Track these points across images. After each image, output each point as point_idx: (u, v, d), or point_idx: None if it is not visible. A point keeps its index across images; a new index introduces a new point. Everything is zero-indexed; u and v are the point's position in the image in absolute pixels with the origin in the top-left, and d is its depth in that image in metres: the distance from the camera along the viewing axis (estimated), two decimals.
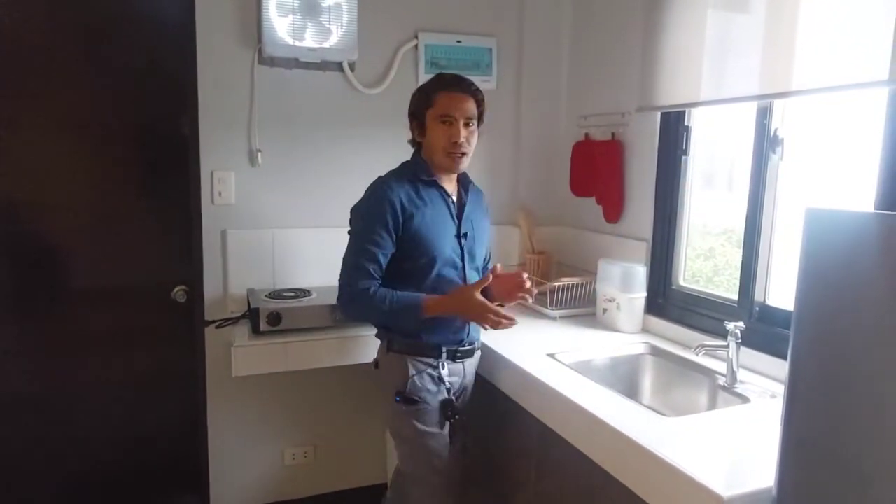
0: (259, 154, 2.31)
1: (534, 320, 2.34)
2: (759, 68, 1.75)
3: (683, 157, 2.16)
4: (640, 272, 2.18)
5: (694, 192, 2.19)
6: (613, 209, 2.41)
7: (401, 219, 1.72)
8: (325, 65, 2.36)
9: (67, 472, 2.38)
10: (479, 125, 1.80)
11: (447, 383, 1.79)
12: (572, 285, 2.38)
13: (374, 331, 1.90)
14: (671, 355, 1.98)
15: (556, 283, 2.38)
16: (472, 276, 1.84)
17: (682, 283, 2.21)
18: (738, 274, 1.93)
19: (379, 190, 1.75)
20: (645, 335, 2.16)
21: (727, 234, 2.19)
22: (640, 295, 2.18)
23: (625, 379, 1.98)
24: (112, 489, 2.46)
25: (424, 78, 2.49)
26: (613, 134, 2.40)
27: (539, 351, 1.94)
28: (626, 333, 2.17)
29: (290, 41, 2.25)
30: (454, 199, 1.84)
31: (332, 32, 2.29)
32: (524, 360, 1.85)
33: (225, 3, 2.25)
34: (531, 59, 2.68)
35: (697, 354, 1.81)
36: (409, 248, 1.74)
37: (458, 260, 1.81)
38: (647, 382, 2.03)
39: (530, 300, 1.89)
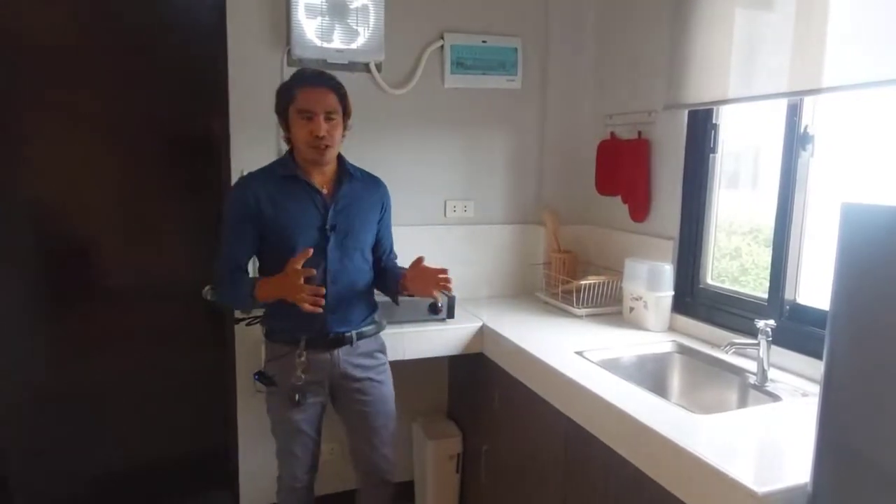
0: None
1: (560, 318, 2.35)
2: (790, 65, 1.74)
3: (711, 155, 2.15)
4: (668, 271, 2.18)
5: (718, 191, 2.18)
6: (640, 208, 2.40)
7: (256, 213, 1.80)
8: (353, 66, 2.39)
9: (101, 467, 2.44)
10: (346, 118, 1.84)
11: (299, 370, 1.83)
12: (598, 284, 2.38)
13: (408, 326, 2.00)
14: (699, 353, 1.98)
15: (583, 282, 2.38)
16: (341, 269, 1.85)
17: (709, 281, 2.20)
18: (765, 274, 1.92)
19: (235, 187, 1.89)
20: (672, 333, 2.15)
21: (753, 234, 2.17)
22: (668, 293, 2.18)
23: (653, 377, 1.98)
24: (144, 484, 2.51)
25: (451, 78, 2.54)
26: (640, 132, 2.39)
27: (566, 348, 1.95)
28: (653, 332, 2.17)
29: (318, 42, 2.28)
30: (324, 191, 1.86)
31: (359, 34, 2.32)
32: (552, 358, 1.86)
33: (255, 6, 2.29)
34: (556, 58, 2.68)
35: (727, 352, 1.80)
36: (269, 239, 1.83)
37: (321, 251, 1.81)
38: (675, 380, 2.03)
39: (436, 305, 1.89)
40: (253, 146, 2.32)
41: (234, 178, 2.31)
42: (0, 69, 2.15)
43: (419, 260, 1.86)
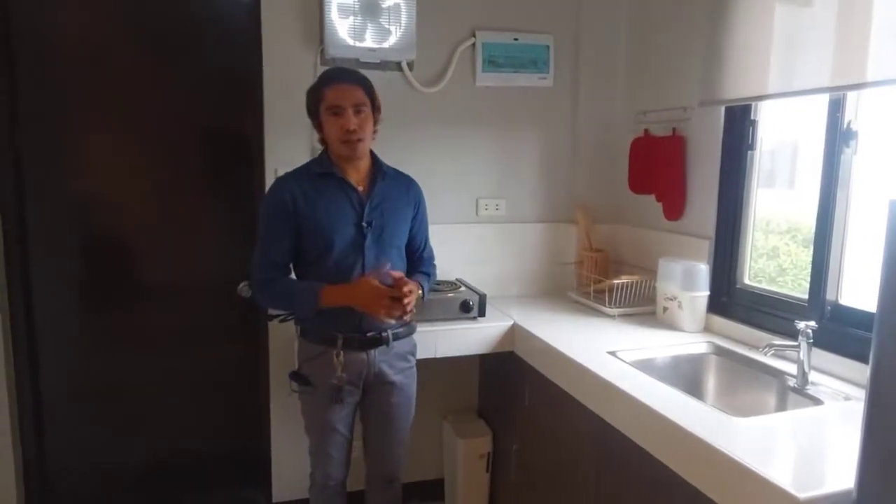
0: (319, 152, 2.37)
1: (592, 318, 2.33)
2: (832, 59, 1.68)
3: (749, 152, 2.10)
4: (703, 270, 2.14)
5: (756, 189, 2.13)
6: (674, 206, 2.36)
7: (293, 212, 1.82)
8: (385, 64, 2.40)
9: (138, 460, 2.50)
10: (376, 112, 1.86)
11: (339, 370, 1.84)
12: (631, 283, 2.35)
13: (440, 324, 2.03)
14: (736, 355, 1.93)
15: (615, 281, 2.36)
16: (377, 266, 1.85)
17: (746, 281, 2.15)
18: (803, 274, 1.87)
19: (272, 188, 1.90)
20: (708, 334, 2.11)
21: (791, 233, 2.12)
22: (703, 293, 2.13)
23: (688, 378, 1.95)
24: (180, 476, 2.57)
25: (482, 76, 2.54)
26: (674, 129, 2.35)
27: (599, 348, 1.93)
28: (688, 332, 2.13)
29: (350, 42, 2.30)
30: (360, 189, 1.87)
31: (391, 33, 2.33)
32: (584, 358, 1.84)
33: (289, 7, 2.32)
34: (588, 55, 2.66)
35: (765, 354, 1.76)
36: (307, 237, 1.84)
37: (358, 248, 1.84)
38: (711, 382, 1.99)
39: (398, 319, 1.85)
40: (287, 145, 2.35)
41: (269, 177, 2.35)
42: (45, 72, 2.22)
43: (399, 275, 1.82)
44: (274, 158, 2.34)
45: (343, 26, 2.28)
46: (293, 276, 1.93)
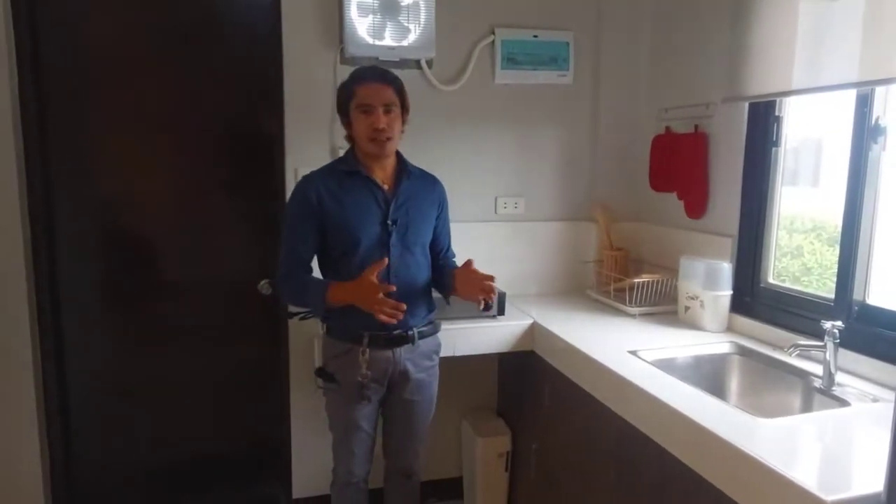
0: (340, 151, 2.37)
1: (612, 317, 2.31)
2: (860, 53, 1.65)
3: (774, 149, 2.07)
4: (726, 269, 2.11)
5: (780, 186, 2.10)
6: (696, 204, 2.33)
7: (318, 210, 1.83)
8: (404, 63, 2.41)
9: (159, 456, 2.54)
10: (404, 112, 1.87)
11: (364, 368, 1.84)
12: (652, 282, 2.33)
13: (460, 323, 2.06)
14: (760, 355, 1.91)
15: (636, 280, 2.33)
16: (402, 264, 1.85)
17: (771, 280, 2.12)
18: (828, 273, 1.84)
19: (298, 186, 1.90)
20: (730, 334, 2.08)
21: (816, 232, 2.08)
22: (726, 293, 2.11)
23: (710, 378, 1.92)
24: (202, 473, 2.60)
25: (501, 74, 2.53)
26: (696, 126, 2.32)
27: (619, 347, 1.91)
28: (710, 332, 2.10)
29: (370, 40, 2.30)
30: (385, 187, 1.87)
31: (410, 31, 2.33)
32: (605, 357, 1.83)
33: (309, 6, 2.33)
34: (609, 51, 2.63)
35: (790, 354, 1.73)
36: (333, 235, 1.85)
37: (383, 246, 1.84)
38: (734, 382, 1.96)
39: (482, 306, 1.84)
40: (307, 144, 2.37)
41: (289, 176, 2.37)
42: (71, 76, 2.26)
43: (469, 262, 1.85)
44: (294, 157, 2.36)
45: (362, 25, 2.29)
46: (317, 273, 1.94)
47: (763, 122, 2.08)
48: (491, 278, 1.80)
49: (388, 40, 2.32)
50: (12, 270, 2.19)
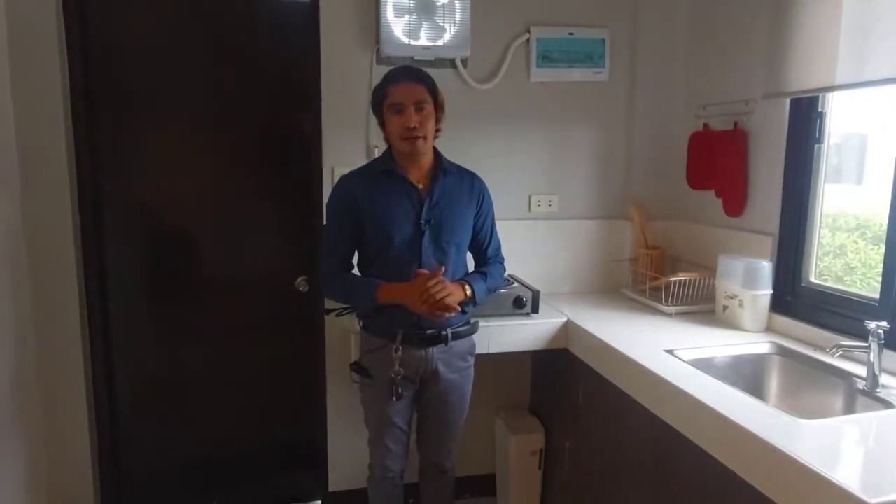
0: (376, 150, 2.41)
1: (648, 316, 2.29)
2: None
3: (816, 146, 2.02)
4: (766, 268, 2.07)
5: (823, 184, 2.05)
6: (735, 202, 2.30)
7: (356, 210, 1.86)
8: (439, 62, 2.42)
9: (199, 446, 2.61)
10: (439, 110, 1.88)
11: (396, 365, 1.86)
12: (689, 281, 2.30)
13: (493, 320, 2.06)
14: (801, 356, 1.87)
15: (672, 279, 2.31)
16: (434, 264, 1.84)
17: (812, 279, 2.07)
18: (873, 273, 1.79)
19: (336, 186, 1.95)
20: (770, 334, 2.05)
21: (860, 230, 2.03)
22: (766, 292, 2.07)
23: (749, 379, 1.89)
24: (239, 464, 2.67)
25: (536, 72, 2.53)
26: (735, 123, 2.29)
27: (656, 347, 1.90)
28: (749, 332, 2.07)
29: (405, 40, 2.32)
30: (420, 186, 1.88)
31: (445, 30, 2.35)
32: (641, 356, 1.82)
33: (345, 7, 2.36)
34: (646, 47, 2.61)
35: (833, 355, 1.70)
36: (368, 234, 1.88)
37: (416, 245, 1.84)
38: (773, 383, 1.93)
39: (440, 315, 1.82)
40: (343, 143, 2.40)
41: (326, 176, 2.41)
42: (117, 79, 2.34)
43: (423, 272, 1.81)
44: (330, 156, 2.40)
45: (398, 25, 2.31)
46: (356, 271, 1.97)
47: (805, 119, 2.03)
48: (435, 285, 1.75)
49: (423, 40, 2.34)
50: (64, 267, 2.28)
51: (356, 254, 1.97)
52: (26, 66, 2.14)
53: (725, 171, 2.32)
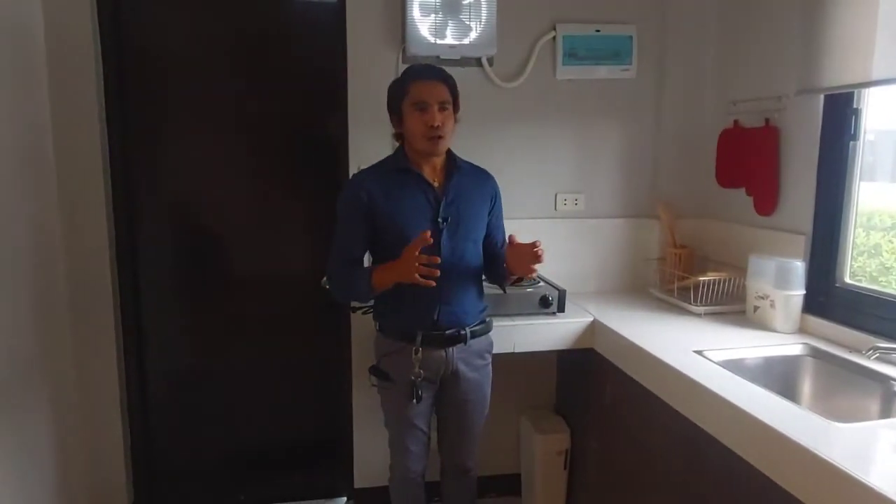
0: None
1: (676, 316, 2.26)
2: None
3: (851, 143, 1.97)
4: (798, 268, 2.03)
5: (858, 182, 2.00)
6: (767, 201, 2.25)
7: (368, 208, 1.84)
8: (465, 61, 2.42)
9: (227, 441, 2.65)
10: (455, 111, 1.86)
11: (417, 367, 1.85)
12: (719, 281, 2.27)
13: (519, 319, 2.06)
14: (835, 358, 1.83)
15: (701, 278, 2.27)
16: (453, 260, 1.84)
17: (847, 280, 2.02)
18: None
19: (347, 185, 1.94)
20: (803, 335, 2.00)
21: None
22: (798, 292, 2.03)
23: (780, 381, 1.85)
24: (265, 459, 2.70)
25: (563, 69, 2.51)
26: (767, 119, 2.24)
27: (685, 347, 1.87)
28: (781, 333, 2.03)
29: (431, 40, 2.32)
30: (436, 184, 1.87)
31: (471, 29, 2.35)
32: (670, 356, 1.79)
33: (372, 7, 2.37)
34: (674, 43, 2.57)
35: (869, 357, 1.66)
36: (382, 233, 1.86)
37: (435, 244, 1.81)
38: (806, 386, 1.89)
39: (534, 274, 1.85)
40: (370, 143, 2.41)
41: (352, 174, 2.42)
42: (149, 80, 2.38)
43: (511, 238, 1.84)
44: (357, 156, 2.41)
45: (424, 24, 2.31)
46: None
47: (840, 115, 1.99)
48: (535, 244, 1.76)
49: (449, 39, 2.34)
50: (98, 265, 2.34)
51: (370, 255, 1.96)
52: (63, 73, 2.21)
53: (757, 169, 2.28)
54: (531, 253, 1.76)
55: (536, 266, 1.78)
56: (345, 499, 2.71)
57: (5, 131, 1.95)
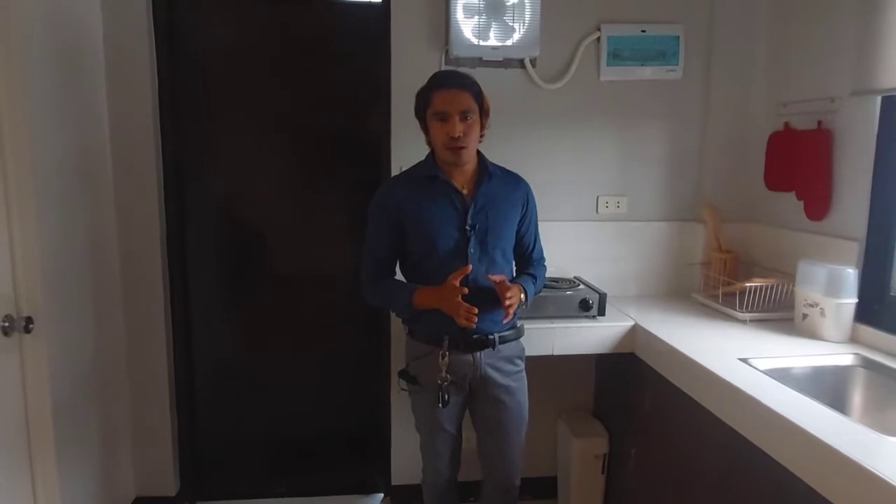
0: None
1: (720, 322, 2.21)
2: None
3: None
4: (851, 275, 1.96)
5: None
6: (818, 205, 2.19)
7: (396, 215, 1.84)
8: (508, 62, 2.42)
9: (269, 434, 2.72)
10: (484, 117, 1.83)
11: (443, 371, 1.85)
12: (766, 287, 2.21)
13: (558, 322, 2.03)
14: (889, 369, 1.76)
15: (748, 284, 2.22)
16: (481, 268, 1.82)
17: None
18: None
19: (380, 191, 1.93)
20: (854, 345, 1.94)
21: None
22: (850, 300, 1.96)
23: (829, 392, 1.79)
24: (306, 453, 2.76)
25: (607, 70, 2.49)
26: (819, 122, 2.18)
27: (729, 354, 1.83)
28: (831, 342, 1.97)
29: (474, 41, 2.33)
30: (465, 191, 1.85)
31: (514, 30, 2.34)
32: (713, 363, 1.76)
33: (416, 8, 2.39)
34: (723, 43, 2.52)
35: None
36: (411, 239, 1.86)
37: (461, 251, 1.82)
38: (857, 397, 1.83)
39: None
40: (412, 144, 2.40)
41: (394, 173, 2.45)
42: (197, 82, 2.47)
43: (498, 282, 1.81)
44: (400, 157, 2.43)
45: (468, 26, 2.32)
46: (399, 276, 1.97)
47: None
48: (505, 296, 1.77)
49: (492, 40, 2.34)
50: (150, 261, 2.43)
51: (401, 261, 1.95)
52: (120, 80, 2.31)
53: (808, 173, 2.21)
54: (503, 299, 1.78)
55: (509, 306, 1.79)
56: (382, 495, 2.74)
57: (68, 143, 2.06)
